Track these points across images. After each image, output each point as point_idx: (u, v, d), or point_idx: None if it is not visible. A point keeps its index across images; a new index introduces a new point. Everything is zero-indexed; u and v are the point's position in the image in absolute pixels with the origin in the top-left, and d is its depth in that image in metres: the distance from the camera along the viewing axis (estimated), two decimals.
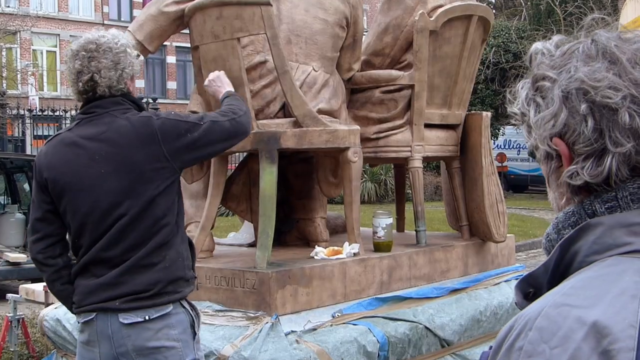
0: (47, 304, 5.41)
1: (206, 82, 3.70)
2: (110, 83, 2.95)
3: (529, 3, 26.60)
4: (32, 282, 7.69)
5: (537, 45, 1.27)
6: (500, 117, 24.07)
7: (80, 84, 2.97)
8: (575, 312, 1.01)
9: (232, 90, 3.60)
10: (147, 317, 2.93)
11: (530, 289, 1.20)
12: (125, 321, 2.91)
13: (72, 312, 3.13)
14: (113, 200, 2.91)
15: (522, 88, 1.25)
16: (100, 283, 2.94)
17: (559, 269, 1.15)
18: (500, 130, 25.65)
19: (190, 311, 3.08)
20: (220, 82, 3.65)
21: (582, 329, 0.99)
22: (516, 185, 27.94)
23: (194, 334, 3.06)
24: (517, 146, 27.58)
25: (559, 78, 1.17)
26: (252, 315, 3.87)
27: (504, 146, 27.67)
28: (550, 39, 1.26)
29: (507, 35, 24.43)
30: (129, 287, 2.92)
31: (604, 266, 1.08)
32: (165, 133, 2.96)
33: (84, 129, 2.99)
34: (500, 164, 24.03)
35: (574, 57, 1.18)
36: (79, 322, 3.06)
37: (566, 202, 1.22)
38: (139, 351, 2.92)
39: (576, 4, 21.67)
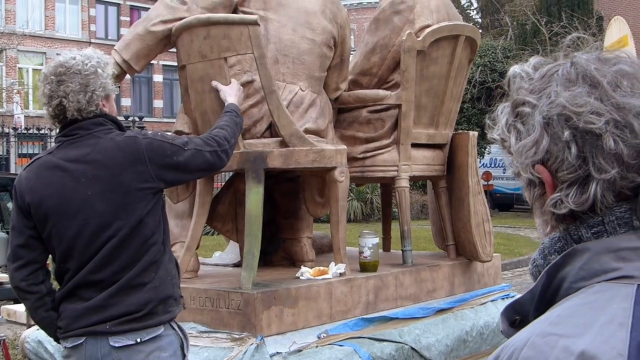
0: (28, 325, 5.35)
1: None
2: (79, 106, 2.90)
3: (514, 23, 26.77)
4: (14, 303, 7.60)
5: (515, 68, 1.24)
6: (487, 136, 24.06)
7: (51, 108, 2.94)
8: (563, 342, 1.00)
9: (237, 104, 3.66)
10: (138, 340, 2.89)
11: (517, 316, 1.18)
12: (116, 344, 2.87)
13: (56, 339, 3.07)
14: (101, 222, 2.87)
15: (502, 113, 1.23)
16: (89, 306, 2.90)
17: (546, 296, 1.14)
18: (487, 149, 25.71)
19: (180, 333, 3.06)
20: (234, 90, 3.75)
21: (570, 359, 0.97)
22: (502, 203, 27.97)
23: (184, 355, 3.04)
24: (503, 165, 27.57)
25: (539, 103, 1.15)
26: (237, 336, 3.84)
27: (490, 165, 27.71)
28: (527, 61, 1.25)
29: (493, 54, 24.54)
30: (119, 308, 2.88)
31: (591, 293, 1.07)
32: (152, 153, 2.93)
33: (65, 151, 2.95)
34: (486, 183, 24.03)
35: (554, 81, 1.16)
36: (65, 347, 3.00)
37: (551, 229, 1.20)
38: None
39: (562, 24, 21.82)
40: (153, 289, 2.93)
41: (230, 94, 3.84)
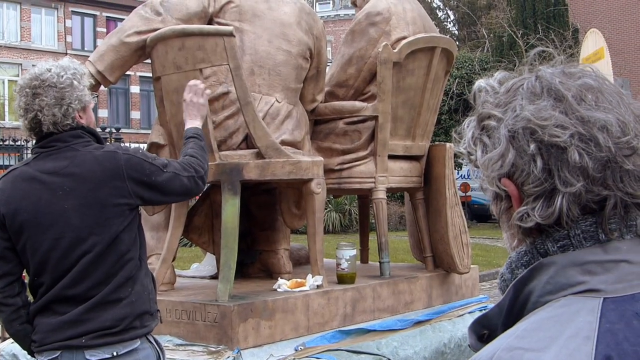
0: (3, 339, 5.28)
1: (187, 96, 3.56)
2: (55, 120, 2.87)
3: (491, 35, 26.94)
4: None
5: (480, 82, 1.25)
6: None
7: (27, 121, 2.91)
8: (528, 356, 0.99)
9: (200, 127, 3.49)
10: (114, 353, 2.87)
11: (485, 330, 1.17)
12: (93, 358, 2.85)
13: (30, 353, 3.03)
14: (77, 236, 2.84)
15: (468, 127, 1.23)
16: (64, 321, 2.86)
17: (514, 310, 1.13)
18: (464, 160, 25.80)
19: (156, 346, 3.04)
20: (196, 110, 3.55)
21: None
22: (480, 214, 28.03)
23: None
24: None
25: (505, 117, 1.15)
26: (214, 349, 3.81)
27: (468, 176, 27.82)
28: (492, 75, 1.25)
29: (470, 66, 24.68)
30: (95, 324, 2.85)
31: (558, 306, 1.06)
32: (131, 169, 2.90)
33: (42, 163, 2.91)
34: (464, 194, 24.12)
35: (519, 95, 1.16)
36: None
37: (518, 243, 1.20)
38: None
39: (538, 36, 21.99)
40: (129, 304, 2.90)
41: (192, 114, 3.55)
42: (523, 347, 1.00)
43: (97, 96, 3.27)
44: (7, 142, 20.93)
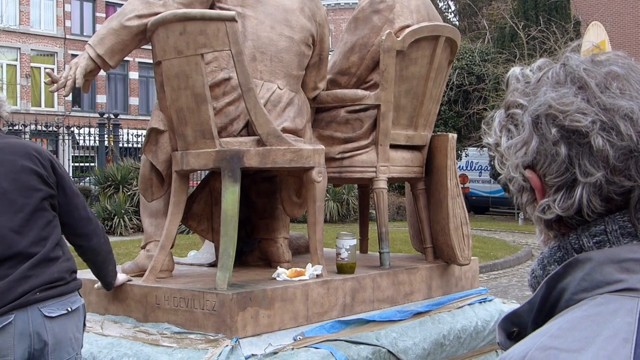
0: None
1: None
2: None
3: (492, 26, 26.89)
4: None
5: (515, 69, 1.22)
6: (463, 139, 24.21)
7: None
8: (564, 357, 0.94)
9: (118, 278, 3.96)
10: (69, 309, 3.10)
11: (514, 328, 1.13)
12: (51, 314, 3.01)
13: None
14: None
15: (496, 118, 1.21)
16: (10, 280, 2.96)
17: (545, 307, 1.08)
18: (463, 152, 25.80)
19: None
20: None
21: None
22: (478, 206, 28.06)
23: (84, 325, 3.34)
24: (479, 168, 27.73)
25: (529, 105, 1.13)
26: (212, 337, 3.77)
27: (466, 167, 27.81)
28: (527, 63, 1.22)
29: (470, 57, 24.63)
30: (43, 277, 3.02)
31: (594, 305, 1.01)
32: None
33: None
34: (462, 185, 24.19)
35: (543, 83, 1.14)
36: None
37: (545, 237, 1.16)
38: (58, 344, 3.03)
39: (539, 28, 21.93)
40: (66, 260, 3.19)
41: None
42: (558, 347, 0.96)
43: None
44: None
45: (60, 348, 3.06)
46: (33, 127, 22.95)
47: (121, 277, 4.05)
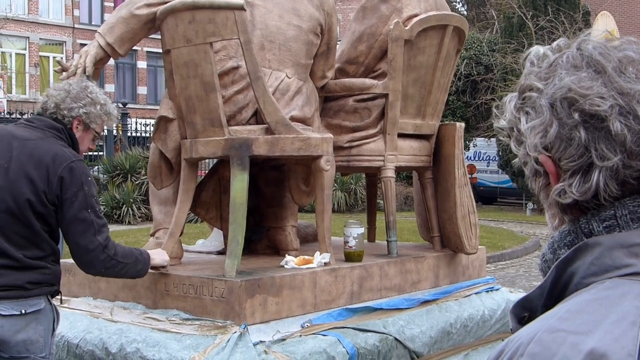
0: None
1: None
2: None
3: (501, 16, 26.77)
4: None
5: (539, 49, 1.22)
6: (471, 129, 24.16)
7: None
8: (571, 339, 0.95)
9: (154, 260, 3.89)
10: (23, 311, 3.18)
11: (525, 312, 1.14)
12: (3, 312, 3.13)
13: None
14: None
15: (510, 101, 1.21)
16: None
17: (555, 291, 1.10)
18: (471, 142, 25.75)
19: (55, 308, 3.39)
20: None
21: (578, 357, 0.93)
22: (485, 196, 28.03)
23: (53, 330, 3.38)
24: (487, 158, 27.69)
25: (546, 89, 1.14)
26: (220, 324, 3.80)
27: (474, 158, 27.76)
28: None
29: (478, 47, 24.55)
30: (5, 280, 3.14)
31: (602, 289, 1.03)
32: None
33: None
34: (470, 175, 24.11)
35: (559, 67, 1.14)
36: None
37: (559, 222, 1.17)
38: (5, 341, 3.16)
39: (548, 17, 21.84)
40: (41, 273, 3.27)
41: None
42: (566, 329, 0.97)
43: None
44: (13, 115, 20.94)
45: (7, 344, 3.17)
46: None
47: (158, 258, 3.92)
